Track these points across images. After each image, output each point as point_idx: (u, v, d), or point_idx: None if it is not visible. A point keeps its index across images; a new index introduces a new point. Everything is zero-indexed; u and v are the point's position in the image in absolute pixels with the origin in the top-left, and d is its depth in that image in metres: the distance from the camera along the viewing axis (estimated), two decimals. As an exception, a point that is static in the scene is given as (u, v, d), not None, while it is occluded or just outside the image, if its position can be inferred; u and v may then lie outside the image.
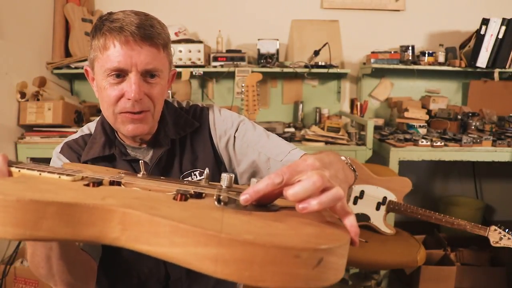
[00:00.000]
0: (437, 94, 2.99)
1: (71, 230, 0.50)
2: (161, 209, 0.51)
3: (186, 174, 1.01)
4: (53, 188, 0.57)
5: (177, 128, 1.02)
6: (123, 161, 0.98)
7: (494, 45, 2.68)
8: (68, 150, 1.00)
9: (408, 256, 1.88)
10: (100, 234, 0.51)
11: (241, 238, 0.43)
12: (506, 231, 1.78)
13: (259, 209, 0.56)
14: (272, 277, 0.42)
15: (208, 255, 0.43)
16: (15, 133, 2.34)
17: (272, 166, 0.99)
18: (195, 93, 2.92)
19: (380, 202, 2.04)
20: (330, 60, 2.73)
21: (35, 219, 0.49)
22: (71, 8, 2.69)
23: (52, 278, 0.82)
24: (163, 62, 0.92)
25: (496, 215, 3.23)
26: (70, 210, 0.50)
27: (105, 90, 0.89)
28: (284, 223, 0.51)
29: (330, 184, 0.52)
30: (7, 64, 2.24)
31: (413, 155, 2.37)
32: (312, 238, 0.48)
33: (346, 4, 2.98)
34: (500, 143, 2.39)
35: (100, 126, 1.01)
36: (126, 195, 0.58)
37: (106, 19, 0.88)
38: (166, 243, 0.46)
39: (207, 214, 0.52)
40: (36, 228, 0.49)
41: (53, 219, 0.49)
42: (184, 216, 0.49)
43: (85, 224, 0.50)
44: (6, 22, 2.22)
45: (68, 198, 0.52)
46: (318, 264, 0.43)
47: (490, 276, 2.44)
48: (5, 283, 2.07)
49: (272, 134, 1.06)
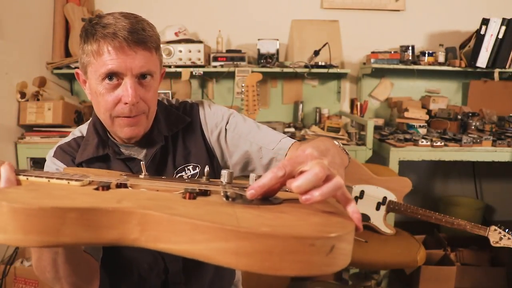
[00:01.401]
0: (437, 94, 2.99)
1: (92, 234, 0.51)
2: (177, 208, 0.53)
3: (180, 169, 1.03)
4: (67, 194, 0.58)
5: (169, 125, 1.04)
6: (118, 160, 1.00)
7: (494, 45, 2.68)
8: (61, 153, 1.01)
9: (408, 256, 1.88)
10: (120, 236, 0.52)
11: (259, 230, 0.45)
12: (506, 231, 1.78)
13: (264, 202, 0.58)
14: (290, 265, 0.45)
15: (229, 249, 0.46)
16: (15, 133, 2.34)
17: (264, 154, 1.02)
18: (195, 93, 2.92)
19: (380, 202, 2.04)
20: (330, 60, 2.73)
21: (58, 225, 0.50)
22: (71, 8, 2.68)
23: (59, 282, 0.83)
24: (155, 64, 0.95)
25: (496, 215, 3.23)
26: (91, 215, 0.51)
27: (102, 96, 0.91)
28: (291, 214, 0.54)
29: (331, 173, 0.55)
30: (7, 64, 2.24)
31: (413, 155, 2.37)
32: (322, 227, 0.51)
33: (346, 4, 2.98)
34: (500, 143, 2.39)
35: (92, 128, 1.02)
36: (138, 196, 0.59)
37: (97, 23, 0.89)
38: (187, 241, 0.48)
39: (220, 210, 0.54)
40: (58, 234, 0.50)
41: (74, 225, 0.50)
42: (200, 213, 0.51)
43: (106, 227, 0.51)
44: (6, 22, 2.22)
45: (87, 203, 0.53)
46: (331, 251, 0.46)
47: (490, 276, 2.44)
48: (5, 283, 2.07)
49: (262, 125, 1.08)
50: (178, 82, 2.83)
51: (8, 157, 2.26)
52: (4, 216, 0.50)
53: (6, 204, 0.50)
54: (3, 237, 0.50)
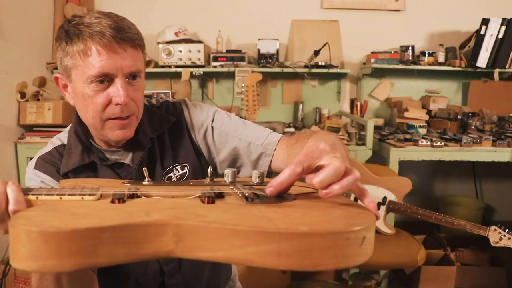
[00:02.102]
0: (437, 94, 2.99)
1: (128, 251, 0.50)
2: (206, 215, 0.53)
3: (168, 170, 1.02)
4: (91, 212, 0.56)
5: (153, 126, 1.02)
6: (104, 166, 0.97)
7: (494, 45, 2.68)
8: (43, 165, 0.97)
9: (408, 256, 1.88)
10: (156, 249, 0.51)
11: (299, 230, 0.47)
12: (506, 231, 1.78)
13: (280, 200, 0.60)
14: (329, 260, 0.47)
15: (270, 251, 0.46)
16: (15, 133, 2.34)
17: (253, 150, 1.01)
18: (195, 93, 2.92)
19: (380, 202, 2.04)
20: (330, 60, 2.73)
21: (93, 246, 0.48)
22: (71, 8, 2.68)
23: None
24: (142, 63, 0.93)
25: (496, 215, 3.23)
26: (125, 232, 0.49)
27: (90, 98, 0.88)
28: (315, 210, 0.57)
29: (348, 167, 0.57)
30: (7, 64, 2.24)
31: (413, 155, 2.37)
32: (349, 219, 0.53)
33: (346, 4, 2.98)
34: (500, 143, 2.39)
35: (74, 135, 0.99)
36: (161, 206, 0.58)
37: (79, 23, 0.85)
38: (225, 247, 0.48)
39: (247, 213, 0.54)
40: (94, 255, 0.48)
41: (110, 244, 0.49)
42: (231, 218, 0.52)
43: (141, 243, 0.50)
44: (6, 22, 2.22)
45: (118, 220, 0.51)
46: (363, 242, 0.49)
47: (490, 276, 2.44)
48: (5, 283, 2.07)
49: (247, 121, 1.08)
50: (178, 82, 2.83)
51: (8, 157, 2.26)
52: (34, 243, 0.46)
53: (36, 229, 0.46)
54: (36, 264, 0.47)
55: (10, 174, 2.26)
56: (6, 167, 2.25)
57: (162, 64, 2.62)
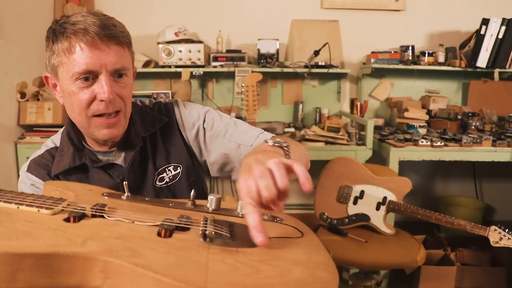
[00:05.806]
0: (437, 94, 2.99)
1: (50, 280, 0.48)
2: (144, 253, 0.50)
3: (161, 171, 1.01)
4: (31, 230, 0.53)
5: (145, 125, 1.02)
6: (96, 168, 0.97)
7: (494, 45, 2.68)
8: (35, 168, 0.97)
9: (408, 256, 1.88)
10: (81, 282, 0.49)
11: None
12: (506, 231, 1.78)
13: (243, 244, 0.57)
14: None
15: None
16: (15, 133, 2.34)
17: (243, 152, 1.01)
18: (195, 93, 2.92)
19: (380, 202, 2.04)
20: (330, 60, 2.73)
21: (11, 271, 0.46)
22: (71, 8, 2.68)
23: None
24: (128, 61, 0.93)
25: (496, 215, 3.23)
26: (49, 261, 0.47)
27: (75, 95, 0.88)
28: (272, 265, 0.52)
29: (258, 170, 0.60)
30: (7, 64, 2.24)
31: (413, 155, 2.37)
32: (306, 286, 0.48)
33: (346, 4, 2.97)
34: (500, 143, 2.39)
35: (66, 137, 0.99)
36: (108, 234, 0.55)
37: (65, 22, 0.87)
38: None
39: (191, 258, 0.51)
40: (12, 280, 0.46)
41: (30, 271, 0.46)
42: (167, 263, 0.49)
43: (65, 274, 0.48)
44: (6, 22, 2.22)
45: (46, 246, 0.49)
46: None
47: (490, 276, 2.44)
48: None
49: (239, 121, 1.07)
50: (178, 82, 2.83)
51: (8, 157, 2.26)
52: None
53: None
54: None
55: (10, 174, 2.26)
56: (6, 167, 2.25)
57: (162, 64, 2.62)
